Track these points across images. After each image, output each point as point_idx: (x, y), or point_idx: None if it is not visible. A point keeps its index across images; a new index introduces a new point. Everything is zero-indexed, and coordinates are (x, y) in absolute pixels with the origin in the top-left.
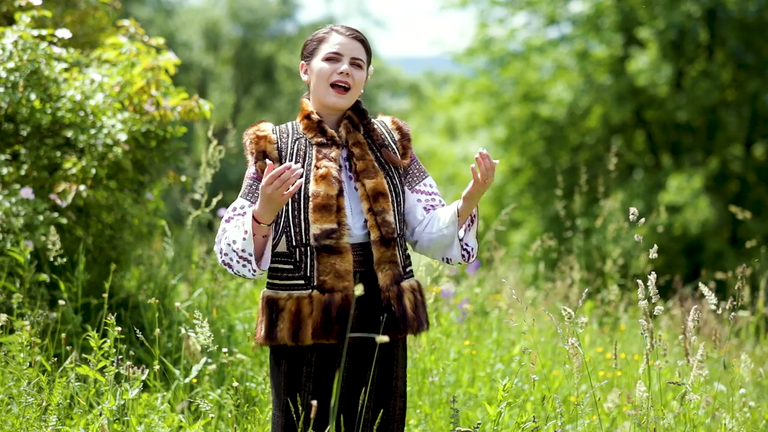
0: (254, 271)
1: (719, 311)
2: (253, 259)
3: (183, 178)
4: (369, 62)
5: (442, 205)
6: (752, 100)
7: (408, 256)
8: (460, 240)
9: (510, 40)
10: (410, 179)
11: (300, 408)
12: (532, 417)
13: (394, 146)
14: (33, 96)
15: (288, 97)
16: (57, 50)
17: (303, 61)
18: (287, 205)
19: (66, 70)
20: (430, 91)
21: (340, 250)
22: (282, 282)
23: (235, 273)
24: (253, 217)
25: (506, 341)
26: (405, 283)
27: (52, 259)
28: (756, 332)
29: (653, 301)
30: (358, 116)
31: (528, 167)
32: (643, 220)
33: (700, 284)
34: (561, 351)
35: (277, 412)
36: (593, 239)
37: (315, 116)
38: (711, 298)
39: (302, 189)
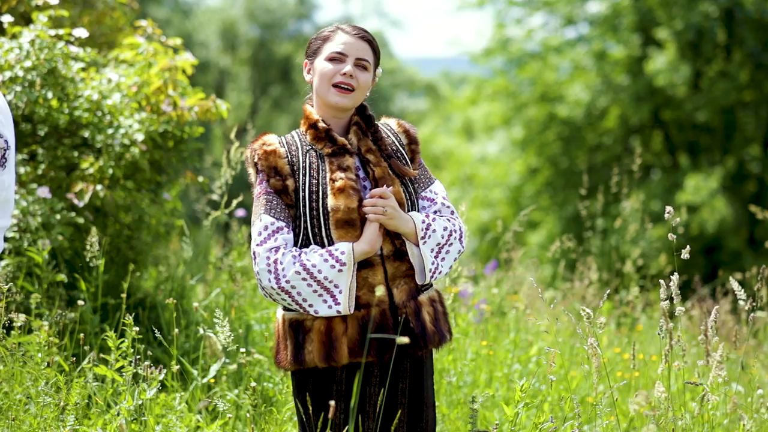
0: (335, 304)
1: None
2: (342, 291)
3: (200, 179)
4: (377, 63)
5: (441, 213)
6: None
7: None
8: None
9: (527, 41)
10: (416, 186)
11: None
12: (550, 417)
13: (402, 150)
14: (50, 95)
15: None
16: (74, 49)
17: (306, 60)
18: (305, 222)
19: (83, 69)
20: (447, 91)
21: (372, 263)
22: None
23: (290, 301)
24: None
25: (524, 342)
26: (423, 297)
27: (88, 260)
28: None
29: (674, 301)
30: (365, 123)
31: (545, 168)
32: (678, 219)
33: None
34: (579, 351)
35: None
36: (611, 240)
37: (322, 125)
38: None
39: (320, 204)
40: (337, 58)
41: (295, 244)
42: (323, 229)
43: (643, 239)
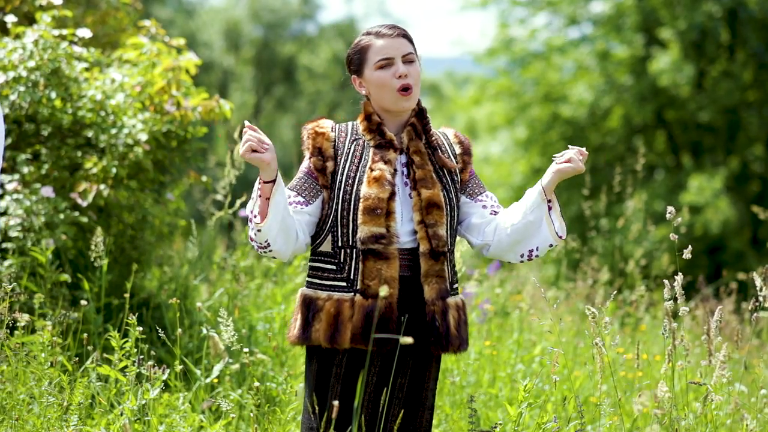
0: (256, 228)
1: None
2: (257, 217)
3: (204, 179)
4: (416, 51)
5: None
6: None
7: (455, 273)
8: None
9: (531, 41)
10: (470, 192)
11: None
12: (553, 417)
13: (453, 159)
14: (53, 95)
15: (308, 98)
16: (78, 50)
17: (354, 76)
18: (337, 204)
19: (86, 69)
20: (450, 91)
21: (387, 256)
22: (322, 282)
23: (257, 247)
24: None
25: (527, 342)
26: (451, 300)
27: (92, 259)
28: None
29: (678, 301)
30: (420, 123)
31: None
32: (679, 219)
33: None
34: (582, 351)
35: (305, 414)
36: (615, 240)
37: (376, 118)
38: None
39: (354, 189)
40: (386, 65)
41: (324, 225)
42: (351, 212)
43: (647, 239)
